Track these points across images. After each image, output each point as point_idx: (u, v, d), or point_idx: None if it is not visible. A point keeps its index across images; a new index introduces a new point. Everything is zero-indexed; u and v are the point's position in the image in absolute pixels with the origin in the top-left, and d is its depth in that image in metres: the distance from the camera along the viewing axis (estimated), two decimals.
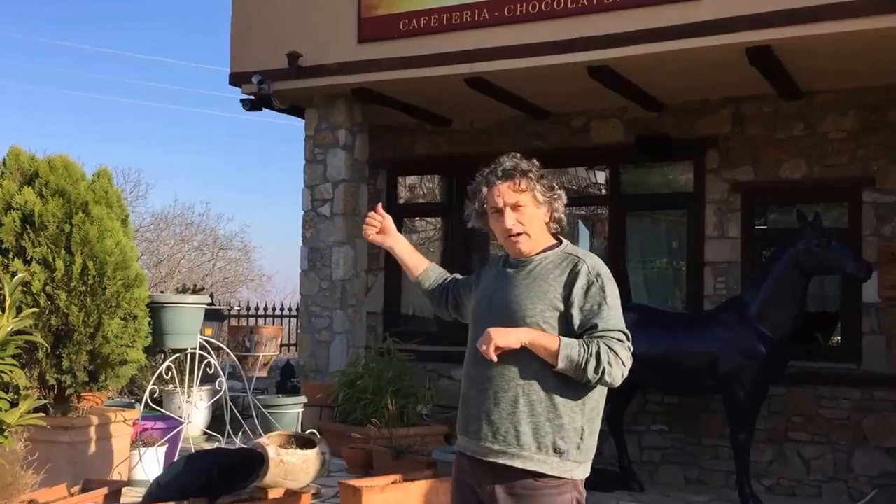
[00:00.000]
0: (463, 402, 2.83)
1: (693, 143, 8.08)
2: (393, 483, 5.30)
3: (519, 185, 2.78)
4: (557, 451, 2.66)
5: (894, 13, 6.02)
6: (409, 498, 5.21)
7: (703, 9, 6.60)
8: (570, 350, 2.62)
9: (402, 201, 9.79)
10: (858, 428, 7.24)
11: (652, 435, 7.90)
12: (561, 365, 2.62)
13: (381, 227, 3.15)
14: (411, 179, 10.04)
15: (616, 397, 7.18)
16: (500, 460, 2.67)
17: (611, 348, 2.64)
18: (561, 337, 2.66)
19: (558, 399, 2.67)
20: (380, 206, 3.20)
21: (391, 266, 9.45)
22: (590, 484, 2.84)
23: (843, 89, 7.53)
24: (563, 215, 2.88)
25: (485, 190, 2.83)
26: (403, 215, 9.73)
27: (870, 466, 7.19)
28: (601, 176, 9.01)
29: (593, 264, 2.77)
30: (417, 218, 10.20)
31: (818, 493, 7.32)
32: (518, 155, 2.87)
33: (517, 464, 2.66)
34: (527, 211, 2.78)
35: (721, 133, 8.00)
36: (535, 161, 2.87)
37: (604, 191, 8.91)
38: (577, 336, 2.67)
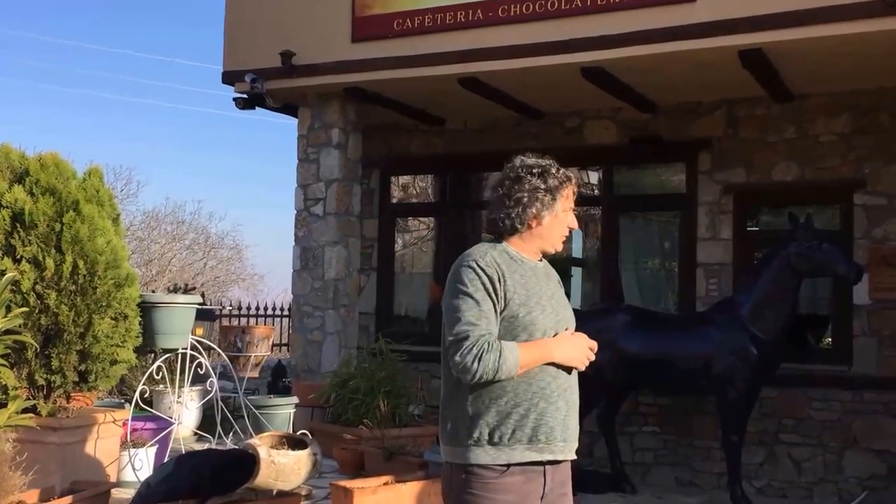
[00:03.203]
0: (543, 411, 2.65)
1: (686, 144, 8.10)
2: (385, 484, 5.29)
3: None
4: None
5: (887, 16, 6.03)
6: (400, 499, 5.20)
7: (697, 11, 6.61)
8: None
9: (395, 201, 9.77)
10: (849, 430, 7.26)
11: (644, 436, 7.90)
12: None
13: None
14: (404, 179, 10.02)
15: (608, 398, 7.18)
16: (571, 456, 2.77)
17: None
18: None
19: None
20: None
21: (384, 266, 9.46)
22: (581, 485, 2.86)
23: (835, 92, 7.55)
24: None
25: (569, 187, 2.85)
26: (396, 215, 9.72)
27: (860, 468, 7.21)
28: (594, 176, 9.01)
29: None
30: (410, 218, 10.18)
31: (809, 495, 7.33)
32: None
33: (571, 457, 2.79)
34: None
35: (714, 135, 8.01)
36: None
37: (597, 191, 8.90)
38: None
